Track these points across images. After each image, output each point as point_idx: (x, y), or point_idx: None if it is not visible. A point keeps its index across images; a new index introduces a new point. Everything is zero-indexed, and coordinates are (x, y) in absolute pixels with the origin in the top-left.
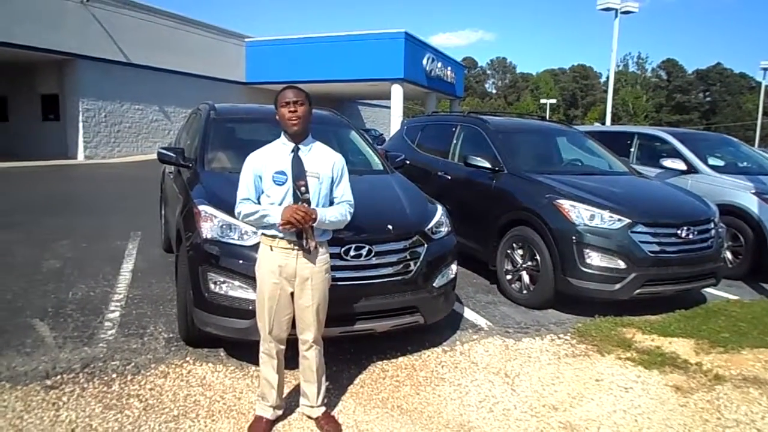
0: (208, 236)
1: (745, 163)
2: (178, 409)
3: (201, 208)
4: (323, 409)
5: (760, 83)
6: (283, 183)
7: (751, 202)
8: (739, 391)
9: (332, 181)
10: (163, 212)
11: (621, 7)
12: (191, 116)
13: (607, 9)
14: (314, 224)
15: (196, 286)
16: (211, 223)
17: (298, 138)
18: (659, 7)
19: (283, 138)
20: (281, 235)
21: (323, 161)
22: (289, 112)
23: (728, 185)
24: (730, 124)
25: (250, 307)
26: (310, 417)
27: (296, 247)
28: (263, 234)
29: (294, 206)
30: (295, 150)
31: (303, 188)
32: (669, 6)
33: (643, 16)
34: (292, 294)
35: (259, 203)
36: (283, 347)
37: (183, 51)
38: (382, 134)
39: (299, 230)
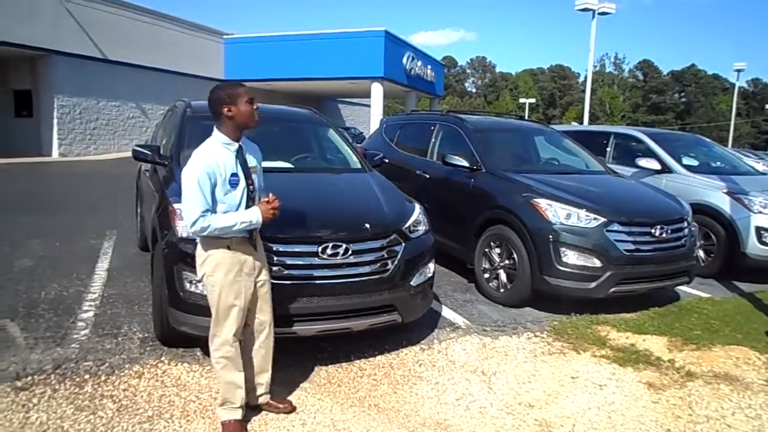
0: (184, 235)
1: (718, 163)
2: (153, 409)
3: (176, 206)
4: (269, 394)
5: (733, 85)
6: (237, 185)
7: (723, 202)
8: (710, 388)
9: (259, 171)
10: (139, 210)
11: (598, 8)
12: (168, 113)
13: (585, 10)
14: None
15: (172, 285)
16: None
17: (241, 136)
18: (636, 9)
19: (222, 138)
20: (238, 233)
21: (253, 153)
22: (254, 109)
23: (701, 185)
24: (704, 125)
25: None
26: (259, 405)
27: (248, 240)
28: (216, 238)
29: (268, 203)
30: (240, 149)
31: (252, 186)
32: (645, 7)
33: (620, 18)
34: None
35: (215, 212)
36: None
37: (160, 47)
38: (361, 132)
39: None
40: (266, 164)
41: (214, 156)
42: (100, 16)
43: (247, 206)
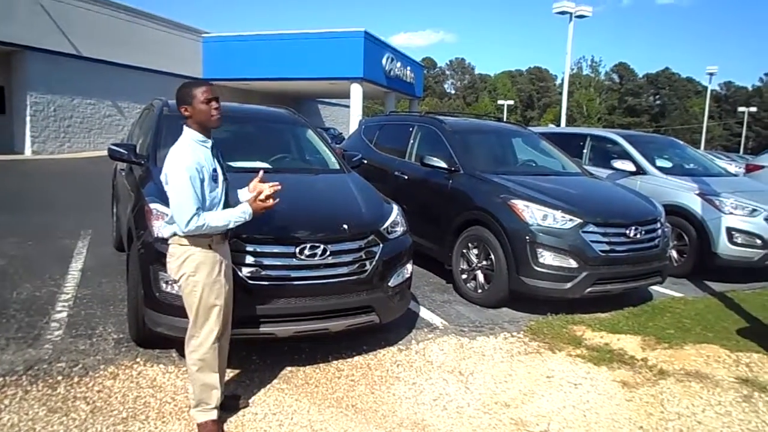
0: (160, 235)
1: (690, 165)
2: (127, 411)
3: (152, 206)
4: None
5: (706, 88)
6: (218, 180)
7: (694, 203)
8: (681, 385)
9: None
10: (114, 210)
11: (575, 11)
12: (144, 112)
13: (562, 12)
14: None
15: (148, 286)
16: (162, 221)
17: (210, 134)
18: (612, 12)
19: (196, 136)
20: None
21: (217, 151)
22: (214, 109)
23: (674, 186)
24: (678, 127)
25: None
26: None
27: (225, 238)
28: (198, 236)
29: (261, 197)
30: (215, 146)
31: (227, 181)
32: (621, 11)
33: (597, 21)
34: None
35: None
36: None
37: (137, 45)
38: (341, 133)
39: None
40: (244, 164)
41: (194, 153)
42: (75, 12)
43: (225, 201)
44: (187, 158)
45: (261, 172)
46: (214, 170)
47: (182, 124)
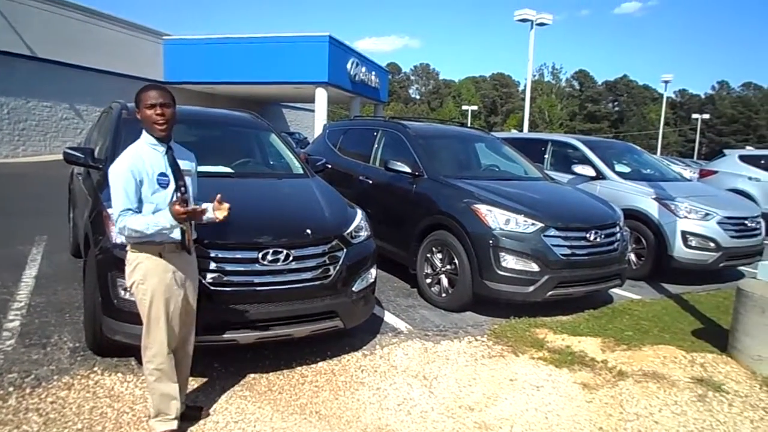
0: (118, 241)
1: (647, 170)
2: (83, 422)
3: (111, 211)
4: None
5: (662, 95)
6: (167, 185)
7: (652, 207)
8: (639, 386)
9: (193, 176)
10: (71, 215)
11: (536, 19)
12: (103, 115)
13: (524, 20)
14: (205, 218)
15: (105, 293)
16: None
17: (166, 139)
18: (572, 20)
19: (149, 139)
20: (170, 238)
21: (186, 158)
22: (156, 114)
23: (632, 191)
24: (636, 133)
25: None
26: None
27: (180, 246)
28: (146, 243)
29: (178, 203)
30: (170, 150)
31: (183, 188)
32: (581, 19)
33: (557, 29)
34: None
35: (140, 213)
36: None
37: (95, 47)
38: (305, 138)
39: (182, 230)
40: (206, 169)
41: (139, 155)
42: (29, 12)
43: None
44: (126, 160)
45: (219, 196)
46: (162, 174)
47: (141, 128)
